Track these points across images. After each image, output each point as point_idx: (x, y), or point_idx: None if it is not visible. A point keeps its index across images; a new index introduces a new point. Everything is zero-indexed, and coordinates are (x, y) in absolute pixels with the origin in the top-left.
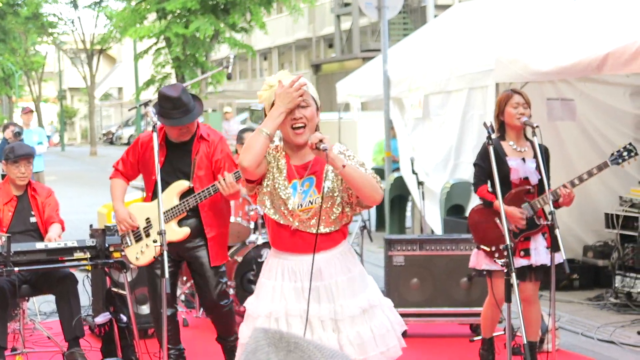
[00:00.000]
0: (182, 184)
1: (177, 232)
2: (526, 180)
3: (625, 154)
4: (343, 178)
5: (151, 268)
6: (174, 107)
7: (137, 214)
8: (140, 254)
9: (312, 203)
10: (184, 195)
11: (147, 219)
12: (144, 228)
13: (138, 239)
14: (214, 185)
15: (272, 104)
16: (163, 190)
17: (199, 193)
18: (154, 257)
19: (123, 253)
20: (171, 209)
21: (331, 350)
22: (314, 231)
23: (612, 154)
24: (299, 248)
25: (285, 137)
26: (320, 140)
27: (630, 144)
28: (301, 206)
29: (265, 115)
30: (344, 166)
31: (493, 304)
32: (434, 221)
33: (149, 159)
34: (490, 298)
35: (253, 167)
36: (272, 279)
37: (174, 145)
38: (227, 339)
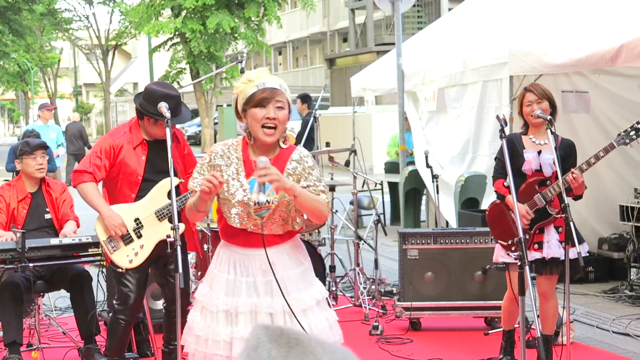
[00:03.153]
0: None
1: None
2: (538, 172)
3: (632, 133)
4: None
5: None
6: (177, 105)
7: (124, 216)
8: (134, 256)
9: (269, 203)
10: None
11: (136, 219)
12: (134, 229)
13: (128, 241)
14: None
15: (246, 99)
16: (150, 189)
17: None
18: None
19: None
20: (165, 206)
21: (332, 345)
22: (264, 232)
23: (619, 134)
24: (249, 243)
25: (253, 134)
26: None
27: (638, 122)
28: (258, 204)
29: (237, 107)
30: (295, 197)
31: (511, 297)
32: (449, 214)
33: (129, 160)
34: (509, 291)
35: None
36: (224, 272)
37: (153, 146)
38: (172, 343)
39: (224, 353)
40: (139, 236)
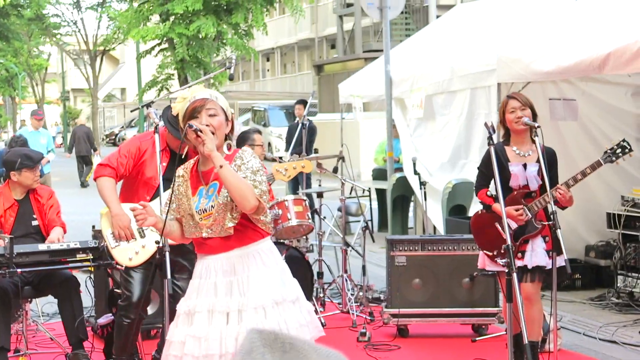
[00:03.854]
0: None
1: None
2: (525, 187)
3: (618, 151)
4: (220, 178)
5: (130, 270)
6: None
7: (131, 215)
8: (134, 254)
9: (213, 207)
10: None
11: None
12: (138, 229)
13: (131, 239)
14: None
15: (185, 116)
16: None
17: None
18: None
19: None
20: None
21: (327, 350)
22: (221, 235)
23: (605, 152)
24: (213, 249)
25: (195, 145)
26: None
27: (624, 140)
28: (204, 212)
29: (182, 125)
30: (221, 166)
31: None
32: (437, 221)
33: (150, 162)
34: (504, 297)
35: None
36: (196, 277)
37: (175, 154)
38: None
39: (178, 353)
40: (142, 236)
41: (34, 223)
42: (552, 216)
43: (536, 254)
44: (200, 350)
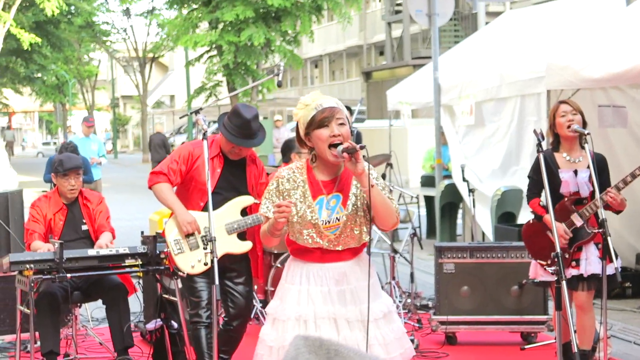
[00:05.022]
0: (248, 200)
1: (240, 245)
2: (576, 193)
3: None
4: (367, 198)
5: (193, 277)
6: (240, 126)
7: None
8: (197, 262)
9: (338, 220)
10: (243, 211)
11: (206, 227)
12: (202, 237)
13: (194, 248)
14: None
15: (307, 123)
16: (223, 203)
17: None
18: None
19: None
20: (236, 221)
21: (371, 357)
22: (339, 248)
23: None
24: (324, 259)
25: (319, 153)
26: (355, 149)
27: None
28: (328, 223)
29: (298, 133)
30: (372, 186)
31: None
32: (486, 227)
33: (203, 170)
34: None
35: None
36: (296, 284)
37: (229, 161)
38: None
39: None
40: (205, 245)
41: (84, 228)
42: (602, 223)
43: (590, 262)
44: None
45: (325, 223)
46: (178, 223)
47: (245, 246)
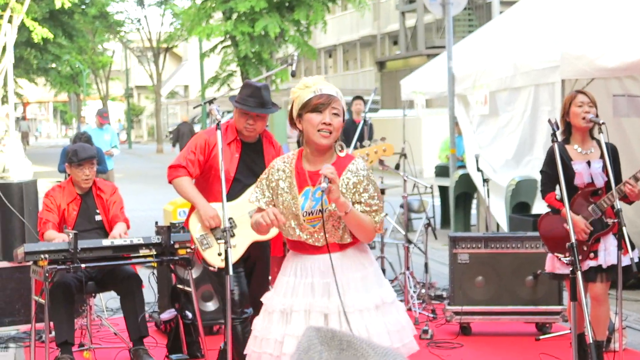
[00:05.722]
0: None
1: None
2: (591, 184)
3: None
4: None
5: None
6: (251, 95)
7: (217, 209)
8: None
9: (321, 212)
10: None
11: (230, 218)
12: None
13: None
14: None
15: (302, 104)
16: (243, 190)
17: None
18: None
19: (189, 250)
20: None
21: (384, 348)
22: (318, 244)
23: None
24: (311, 250)
25: (308, 139)
26: (328, 179)
27: None
28: (310, 214)
29: (291, 112)
30: (346, 213)
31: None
32: (500, 217)
33: (222, 155)
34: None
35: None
36: (287, 275)
37: (246, 146)
38: None
39: (274, 352)
40: (232, 235)
41: (97, 218)
42: (617, 213)
43: (609, 252)
44: None
45: (307, 214)
46: (201, 218)
47: (273, 231)
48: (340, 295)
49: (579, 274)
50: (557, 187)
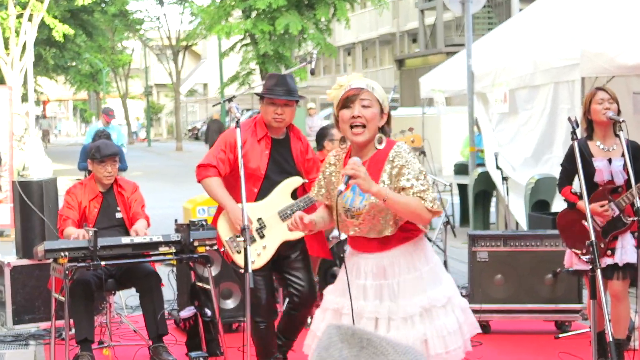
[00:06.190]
0: (296, 181)
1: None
2: (610, 182)
3: None
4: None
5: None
6: (277, 84)
7: (248, 215)
8: (256, 256)
9: (365, 207)
10: (293, 193)
11: (259, 219)
12: (257, 229)
13: (251, 242)
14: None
15: (339, 103)
16: (272, 188)
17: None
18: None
19: (213, 249)
20: (288, 206)
21: (405, 347)
22: (371, 236)
23: None
24: (362, 247)
25: (346, 137)
26: (348, 177)
27: None
28: (359, 209)
29: (335, 113)
30: (384, 200)
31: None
32: (520, 215)
33: (252, 153)
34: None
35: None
36: (344, 274)
37: (276, 142)
38: (282, 337)
39: None
40: (262, 236)
41: (118, 216)
42: (637, 211)
43: (626, 250)
44: None
45: (353, 209)
46: (230, 220)
47: (299, 232)
48: (407, 297)
49: (598, 272)
50: (575, 181)
